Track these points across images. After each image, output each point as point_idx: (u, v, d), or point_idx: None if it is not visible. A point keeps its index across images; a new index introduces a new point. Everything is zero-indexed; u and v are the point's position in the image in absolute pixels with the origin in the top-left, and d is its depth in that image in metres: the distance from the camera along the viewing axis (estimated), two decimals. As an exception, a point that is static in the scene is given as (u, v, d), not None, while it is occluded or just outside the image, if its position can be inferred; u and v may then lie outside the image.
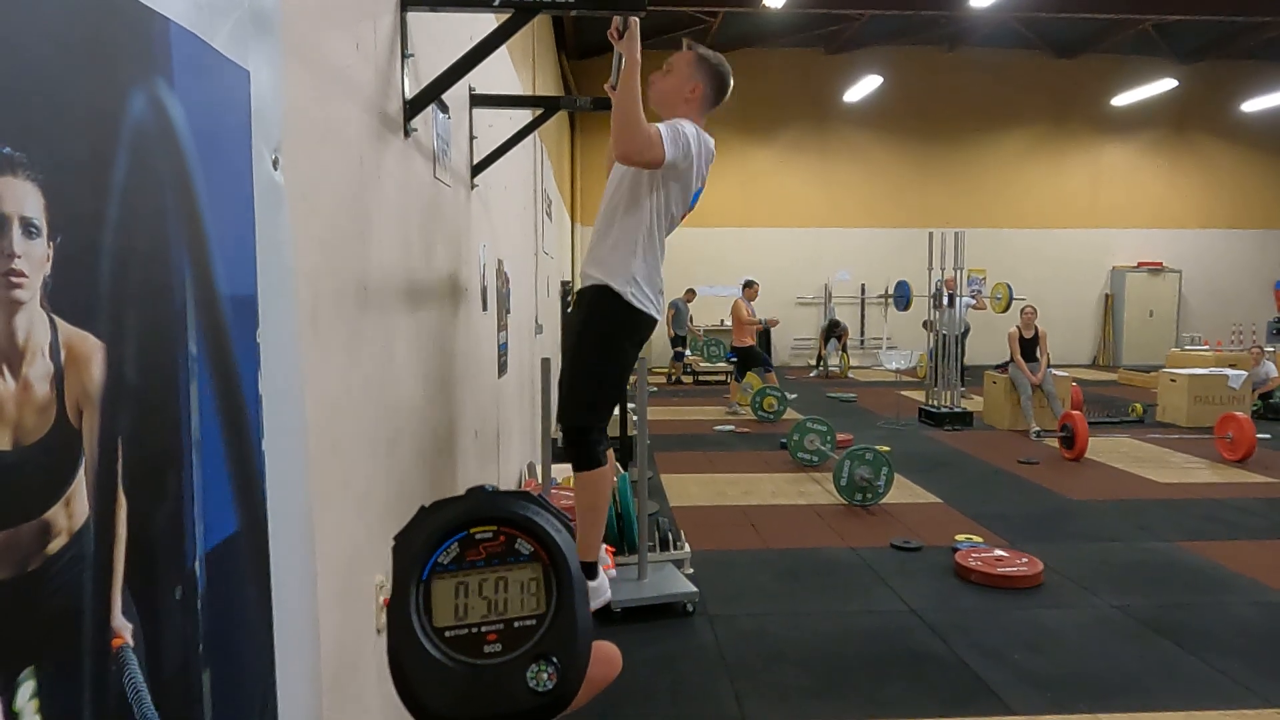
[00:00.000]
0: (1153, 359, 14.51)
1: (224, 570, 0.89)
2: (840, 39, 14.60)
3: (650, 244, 2.48)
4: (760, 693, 3.06)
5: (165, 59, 0.79)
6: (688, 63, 2.55)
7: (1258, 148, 16.12)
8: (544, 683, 0.84)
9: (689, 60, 2.55)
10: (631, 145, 2.28)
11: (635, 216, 2.46)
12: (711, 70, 2.57)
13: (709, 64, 2.57)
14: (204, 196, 0.86)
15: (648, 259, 2.48)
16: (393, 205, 1.91)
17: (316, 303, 1.36)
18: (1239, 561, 4.48)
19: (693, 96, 2.54)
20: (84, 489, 0.65)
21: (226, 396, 0.91)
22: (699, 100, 2.56)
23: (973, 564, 4.24)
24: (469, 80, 2.78)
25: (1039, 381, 8.49)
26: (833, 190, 15.71)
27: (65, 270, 0.63)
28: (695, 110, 2.56)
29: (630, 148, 2.29)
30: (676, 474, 6.63)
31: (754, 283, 10.67)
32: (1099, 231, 16.16)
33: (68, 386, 0.63)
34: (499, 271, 3.94)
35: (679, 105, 2.53)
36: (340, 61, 1.54)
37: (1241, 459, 7.02)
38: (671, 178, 2.47)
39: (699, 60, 2.56)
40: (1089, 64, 15.45)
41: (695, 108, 2.56)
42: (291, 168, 1.12)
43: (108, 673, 0.68)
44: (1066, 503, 5.80)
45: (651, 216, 2.48)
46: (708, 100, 2.59)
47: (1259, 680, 3.13)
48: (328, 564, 1.35)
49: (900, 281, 10.10)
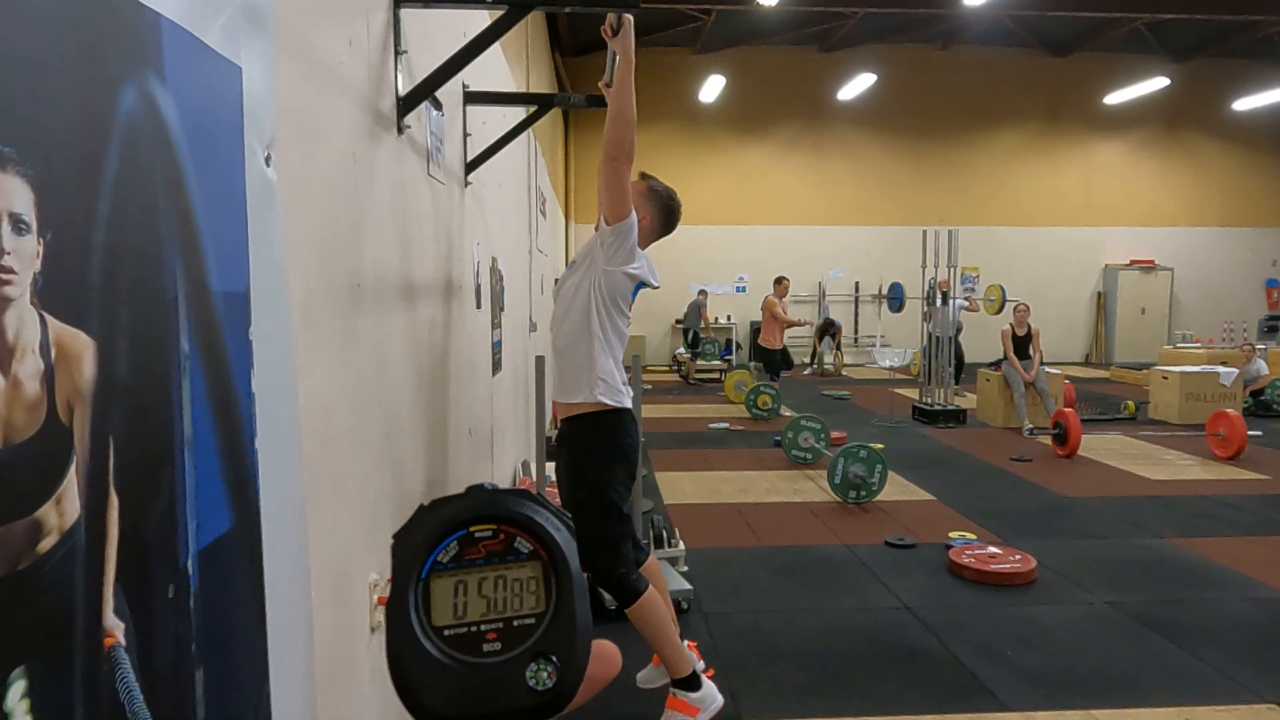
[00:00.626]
0: (1145, 356, 14.58)
1: (217, 569, 0.88)
2: (834, 37, 14.60)
3: (605, 345, 2.55)
4: (755, 689, 3.06)
5: (157, 54, 0.79)
6: (639, 193, 2.63)
7: (1249, 146, 16.19)
8: (543, 681, 0.84)
9: (640, 190, 2.64)
10: (622, 138, 2.32)
11: (584, 322, 2.54)
12: (662, 202, 2.67)
13: (661, 196, 2.68)
14: (196, 193, 0.86)
15: (607, 355, 2.55)
16: (386, 202, 1.91)
17: (309, 300, 1.36)
18: (1230, 557, 4.51)
19: (643, 226, 2.61)
20: (75, 487, 0.64)
21: (219, 394, 0.90)
22: (648, 228, 2.65)
23: (966, 561, 4.25)
24: (463, 77, 2.78)
25: (1032, 379, 8.52)
26: (826, 188, 15.73)
27: (55, 267, 0.62)
28: (644, 238, 2.63)
29: (619, 141, 2.32)
30: (671, 472, 6.63)
31: (784, 278, 10.27)
32: (1092, 229, 16.21)
33: (58, 384, 0.63)
34: (493, 269, 3.93)
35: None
36: (333, 58, 1.53)
37: (1233, 456, 7.06)
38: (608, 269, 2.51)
39: (650, 193, 2.66)
40: (1082, 62, 15.50)
41: (644, 235, 2.63)
42: (284, 164, 1.12)
43: (100, 672, 0.67)
44: (1060, 499, 5.82)
45: (603, 315, 2.54)
46: (655, 231, 2.70)
47: (1251, 675, 3.15)
48: (321, 562, 1.35)
49: (894, 284, 10.11)
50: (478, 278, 3.44)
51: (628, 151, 2.34)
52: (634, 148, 2.35)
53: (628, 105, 2.29)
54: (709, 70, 14.22)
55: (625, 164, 2.36)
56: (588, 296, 2.53)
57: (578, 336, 2.54)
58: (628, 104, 2.29)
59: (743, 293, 15.83)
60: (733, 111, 15.17)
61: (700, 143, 15.27)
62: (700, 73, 14.36)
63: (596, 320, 2.53)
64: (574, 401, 2.56)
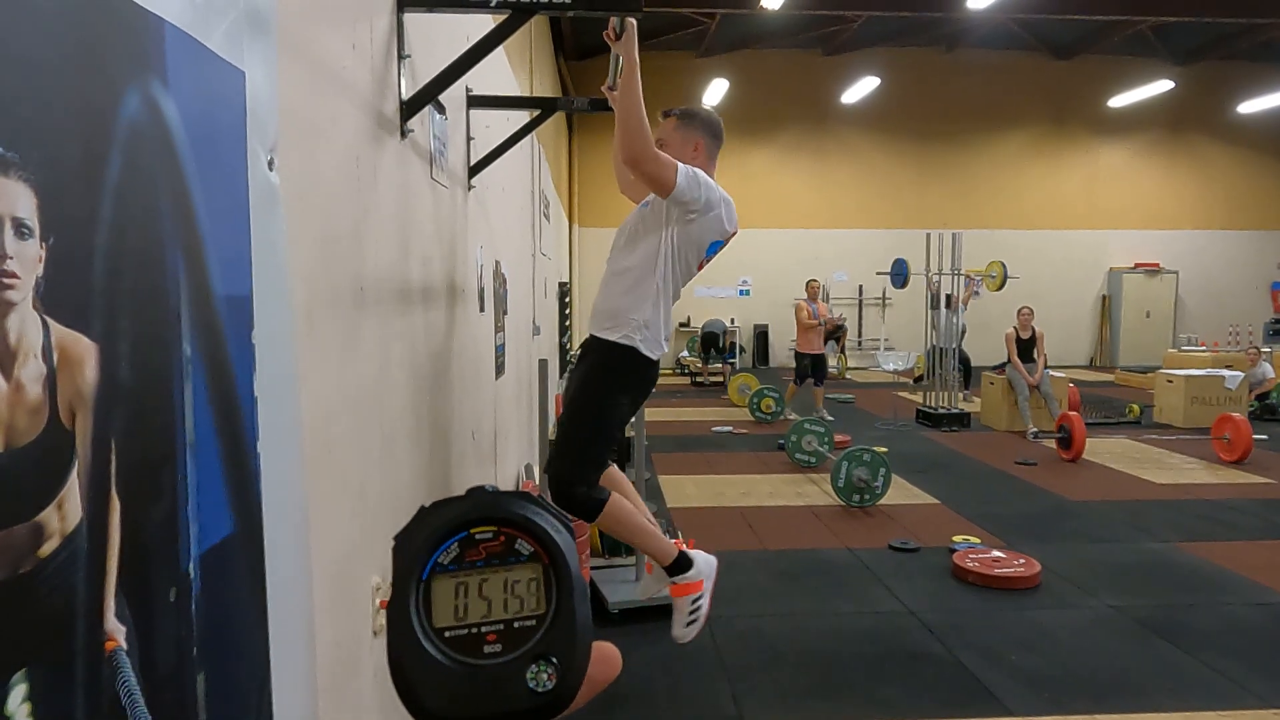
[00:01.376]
0: (1150, 360, 14.53)
1: (219, 572, 0.88)
2: (838, 40, 14.61)
3: (664, 292, 2.48)
4: (758, 693, 3.05)
5: (160, 59, 0.79)
6: (675, 128, 2.57)
7: (1254, 149, 16.16)
8: (544, 683, 0.84)
9: (675, 125, 2.58)
10: (635, 147, 2.26)
11: (650, 265, 2.46)
12: (700, 121, 2.60)
13: (695, 115, 2.61)
14: (199, 197, 0.86)
15: (659, 307, 2.48)
16: (389, 206, 1.91)
17: (312, 303, 1.36)
18: (1236, 562, 4.49)
19: (698, 153, 2.55)
20: (77, 491, 0.64)
21: (221, 397, 0.90)
22: (704, 153, 2.58)
23: (970, 565, 4.24)
24: (466, 81, 2.78)
25: (1036, 382, 8.50)
26: (830, 191, 15.73)
27: (58, 271, 0.62)
28: (705, 164, 2.56)
29: (634, 150, 2.26)
30: (674, 475, 6.62)
31: (812, 280, 9.94)
32: (1096, 233, 16.18)
33: (60, 388, 0.63)
34: (496, 273, 3.94)
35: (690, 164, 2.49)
36: (336, 62, 1.54)
37: (1238, 460, 7.03)
38: (682, 222, 2.44)
39: (682, 120, 2.59)
40: (1086, 65, 15.48)
41: (703, 162, 2.56)
42: (287, 168, 1.12)
43: (101, 675, 0.67)
44: (1064, 503, 5.80)
45: (665, 265, 2.47)
46: (712, 148, 2.61)
47: (1256, 680, 3.13)
48: (323, 565, 1.35)
49: (898, 259, 9.96)
50: (481, 281, 3.44)
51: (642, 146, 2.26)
52: (651, 146, 2.28)
53: (634, 113, 2.23)
54: (712, 74, 14.23)
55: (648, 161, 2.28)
56: (657, 244, 2.45)
57: (636, 280, 2.46)
58: (634, 111, 2.23)
59: (746, 296, 15.83)
60: (736, 115, 15.13)
61: (704, 146, 15.26)
62: (703, 76, 14.37)
63: (661, 270, 2.45)
64: (608, 336, 2.48)
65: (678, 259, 2.48)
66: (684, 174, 2.35)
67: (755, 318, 15.86)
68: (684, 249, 2.48)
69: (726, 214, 2.51)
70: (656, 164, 2.30)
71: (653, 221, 2.48)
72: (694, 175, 2.39)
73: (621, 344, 2.45)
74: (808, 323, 9.12)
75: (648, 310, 2.45)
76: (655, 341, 2.48)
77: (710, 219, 2.46)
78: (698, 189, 2.39)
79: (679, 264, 2.50)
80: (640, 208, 2.59)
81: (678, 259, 2.48)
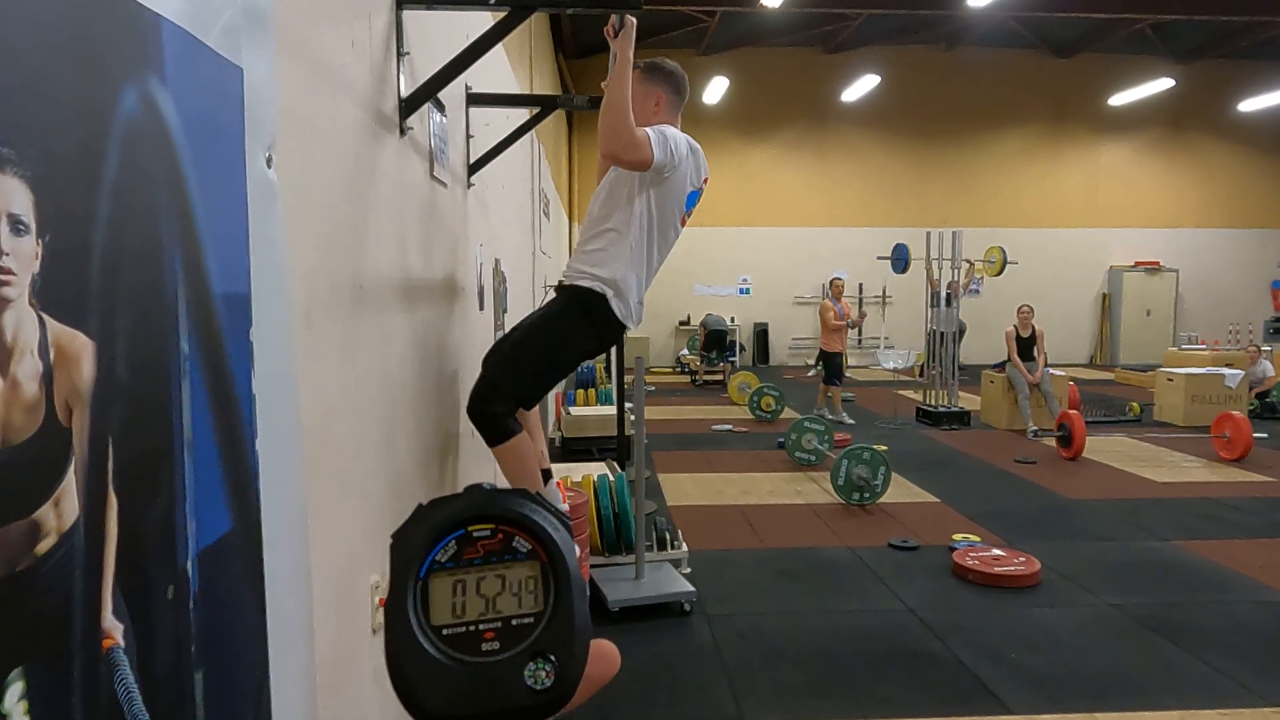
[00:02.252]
0: (1150, 358, 14.53)
1: (217, 570, 0.88)
2: (838, 38, 14.60)
3: (640, 255, 2.47)
4: (758, 692, 3.05)
5: (157, 55, 0.79)
6: (637, 80, 2.54)
7: (1255, 147, 16.15)
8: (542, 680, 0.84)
9: (637, 78, 2.55)
10: (617, 142, 2.28)
11: (625, 225, 2.45)
12: (662, 73, 2.60)
13: (656, 68, 2.60)
14: (196, 194, 0.86)
15: (634, 269, 2.46)
16: (388, 204, 1.91)
17: (311, 301, 1.36)
18: (1236, 560, 4.49)
19: (659, 107, 2.57)
20: (74, 488, 0.64)
21: (219, 395, 0.90)
22: (665, 105, 2.59)
23: (970, 563, 4.24)
24: (465, 79, 2.78)
25: (1036, 381, 8.50)
26: (830, 190, 15.72)
27: (55, 268, 0.62)
28: (667, 116, 2.58)
29: (616, 144, 2.29)
30: (674, 473, 6.62)
31: (839, 279, 9.85)
32: (1096, 231, 16.18)
33: (57, 385, 0.63)
34: (496, 271, 3.94)
35: (650, 120, 2.52)
36: (335, 59, 1.53)
37: (1238, 458, 7.03)
38: (657, 182, 2.45)
39: (644, 74, 2.58)
40: (1086, 64, 15.47)
41: (665, 113, 2.58)
42: (285, 165, 1.12)
43: (98, 673, 0.67)
44: (1064, 502, 5.80)
45: (641, 226, 2.46)
46: (674, 102, 2.62)
47: (1256, 679, 3.13)
48: (322, 563, 1.35)
49: (898, 244, 9.94)
50: (481, 279, 3.44)
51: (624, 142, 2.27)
52: (635, 144, 2.29)
53: (618, 108, 2.24)
54: (712, 72, 14.23)
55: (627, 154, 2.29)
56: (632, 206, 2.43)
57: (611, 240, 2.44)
58: (618, 106, 2.24)
59: (746, 294, 15.83)
60: (736, 113, 15.16)
61: (703, 144, 14.94)
62: (704, 74, 14.36)
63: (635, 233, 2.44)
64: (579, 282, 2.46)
65: (657, 219, 2.48)
66: (656, 145, 2.36)
67: (755, 316, 15.85)
68: (663, 207, 2.48)
69: (695, 162, 2.54)
70: (635, 152, 2.32)
71: (626, 180, 2.47)
72: (661, 139, 2.38)
73: (591, 289, 2.43)
74: (835, 324, 9.03)
75: (620, 269, 2.43)
76: (625, 304, 2.46)
77: (681, 172, 2.48)
78: (667, 150, 2.40)
79: (659, 224, 2.49)
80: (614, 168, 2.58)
81: (657, 219, 2.48)
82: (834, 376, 9.06)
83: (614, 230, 2.46)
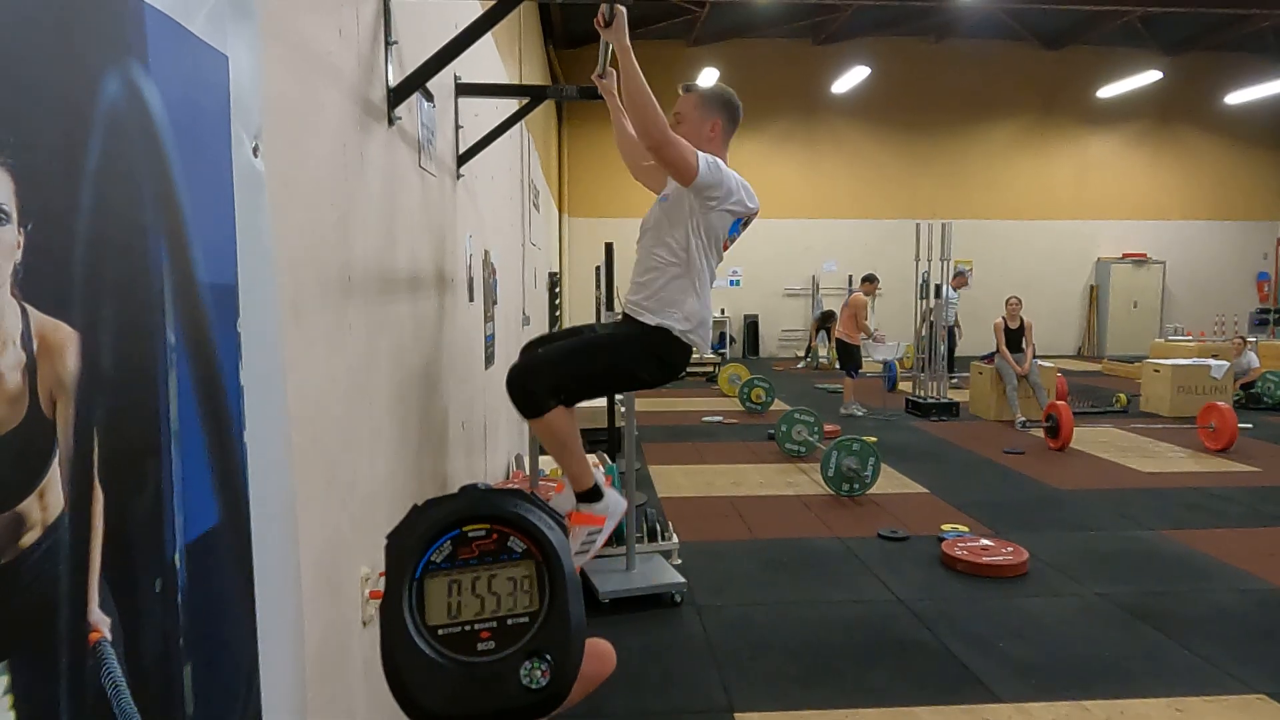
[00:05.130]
0: (1137, 349, 14.64)
1: (205, 563, 0.88)
2: (828, 30, 14.58)
3: (702, 284, 2.50)
4: (748, 681, 3.07)
5: (140, 42, 0.78)
6: (695, 105, 2.54)
7: (1241, 139, 16.25)
8: (538, 680, 0.84)
9: (695, 102, 2.55)
10: (656, 132, 2.24)
11: (685, 261, 2.47)
12: (721, 101, 2.58)
13: (717, 96, 2.59)
14: (182, 183, 0.85)
15: (702, 297, 2.51)
16: (377, 194, 1.89)
17: (299, 292, 1.35)
18: (1221, 549, 4.53)
19: (714, 134, 2.55)
20: (58, 481, 0.63)
21: (206, 386, 0.89)
22: (720, 134, 2.57)
23: (959, 553, 4.26)
24: (454, 69, 2.76)
25: (1024, 372, 8.54)
26: (820, 181, 15.73)
27: (37, 258, 0.61)
28: (720, 146, 2.56)
29: (656, 135, 2.25)
30: (664, 465, 6.63)
31: (874, 278, 9.47)
32: (1084, 223, 16.26)
33: (40, 376, 0.62)
34: (485, 262, 3.92)
35: (704, 147, 2.50)
36: (322, 47, 1.52)
37: (1223, 448, 7.10)
38: (704, 209, 2.45)
39: (705, 98, 2.56)
40: (1075, 56, 15.51)
41: (719, 144, 2.56)
42: (272, 155, 1.11)
43: (85, 668, 0.67)
44: (1052, 492, 5.84)
45: (700, 258, 2.49)
46: (728, 131, 2.61)
47: (1240, 666, 3.17)
48: (312, 556, 1.34)
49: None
50: (470, 270, 3.42)
51: (662, 129, 2.25)
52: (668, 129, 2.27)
53: (643, 97, 2.22)
54: (702, 63, 14.20)
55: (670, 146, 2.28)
56: (687, 237, 2.46)
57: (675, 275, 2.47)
58: (642, 95, 2.22)
59: (736, 286, 15.84)
60: (726, 104, 15.13)
61: (694, 135, 15.21)
62: (694, 65, 14.33)
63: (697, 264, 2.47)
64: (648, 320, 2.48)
65: (709, 247, 2.51)
66: (704, 160, 2.36)
67: (745, 308, 15.87)
68: (710, 235, 2.51)
69: (746, 195, 2.55)
70: (678, 149, 2.30)
71: (676, 214, 2.49)
72: (714, 163, 2.41)
73: (671, 330, 2.47)
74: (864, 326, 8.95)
75: (692, 302, 2.48)
76: (700, 331, 2.51)
77: (731, 204, 2.49)
78: (719, 175, 2.42)
79: (711, 251, 2.53)
80: (660, 201, 2.60)
81: (709, 247, 2.51)
82: (855, 367, 9.03)
83: (677, 265, 2.48)
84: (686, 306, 2.47)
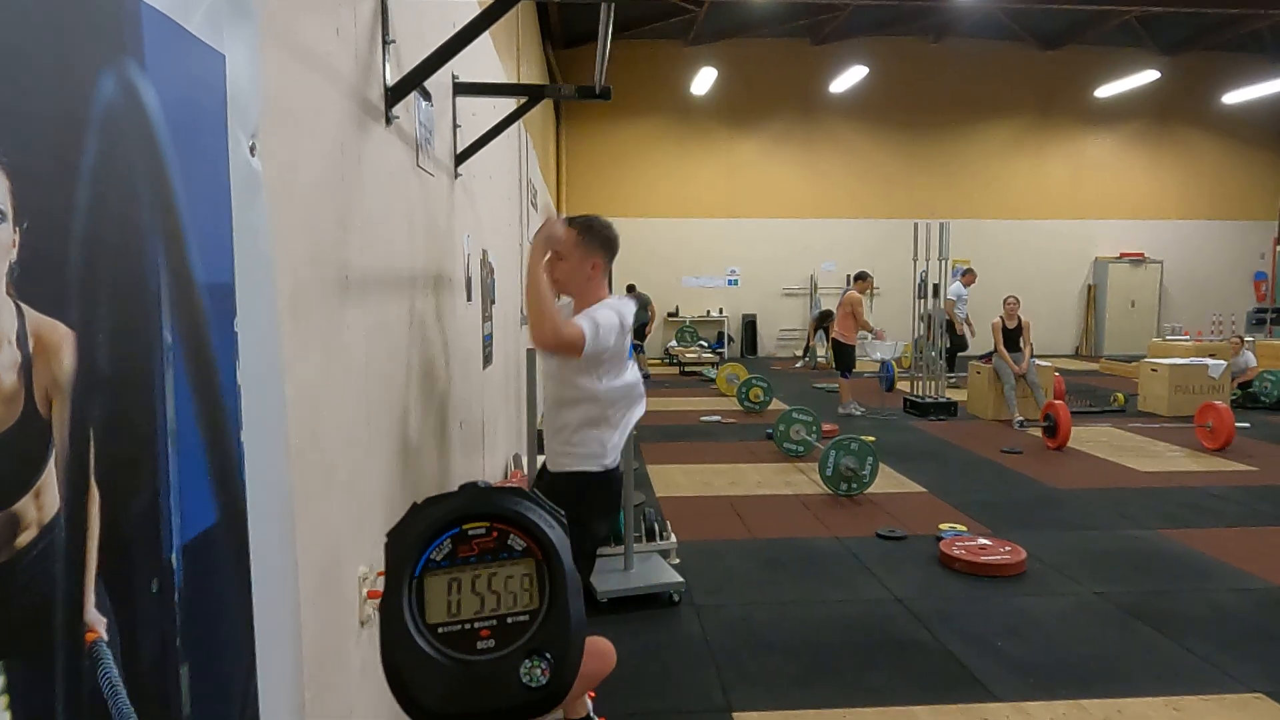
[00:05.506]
0: (1134, 349, 14.65)
1: (202, 562, 0.87)
2: (826, 30, 14.58)
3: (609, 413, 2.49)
4: (746, 681, 3.07)
5: (137, 41, 0.77)
6: (574, 243, 2.53)
7: (1239, 139, 16.26)
8: (537, 678, 0.83)
9: (574, 240, 2.54)
10: (543, 339, 2.33)
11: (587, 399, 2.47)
12: (601, 239, 2.58)
13: (597, 234, 2.58)
14: (178, 182, 0.85)
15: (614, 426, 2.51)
16: (374, 193, 1.89)
17: (296, 291, 1.34)
18: (1218, 548, 4.54)
19: (595, 272, 2.56)
20: (54, 480, 0.63)
21: (203, 386, 0.89)
22: (600, 272, 2.59)
23: (957, 552, 4.27)
24: (452, 68, 2.75)
25: (1022, 371, 8.55)
26: (818, 181, 15.73)
27: (33, 257, 0.61)
28: (599, 283, 2.58)
29: (543, 341, 2.34)
30: (663, 464, 6.63)
31: (867, 275, 9.45)
32: (1082, 223, 16.27)
33: (36, 376, 0.62)
34: (483, 261, 3.92)
35: (584, 284, 2.53)
36: (320, 47, 1.52)
37: (1221, 447, 7.10)
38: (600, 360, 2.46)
39: (583, 234, 2.55)
40: (1073, 56, 15.52)
41: (598, 280, 2.58)
42: (269, 154, 1.10)
43: (82, 667, 0.66)
44: (1049, 491, 5.85)
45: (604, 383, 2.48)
46: (607, 263, 2.63)
47: (1238, 665, 3.17)
48: (309, 555, 1.34)
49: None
50: (468, 270, 3.42)
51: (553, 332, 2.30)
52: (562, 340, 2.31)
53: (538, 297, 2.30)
54: (700, 63, 14.18)
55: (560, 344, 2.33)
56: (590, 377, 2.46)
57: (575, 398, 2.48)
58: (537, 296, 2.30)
59: (734, 285, 15.83)
60: (724, 104, 15.14)
61: (691, 135, 15.24)
62: (691, 65, 14.32)
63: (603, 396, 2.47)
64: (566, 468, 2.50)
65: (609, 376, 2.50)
66: (589, 335, 2.36)
67: (744, 307, 15.87)
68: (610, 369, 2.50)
69: (624, 323, 2.52)
70: (565, 341, 2.35)
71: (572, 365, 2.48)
72: (595, 330, 2.39)
73: (579, 473, 2.47)
74: (863, 324, 8.92)
75: (605, 434, 2.48)
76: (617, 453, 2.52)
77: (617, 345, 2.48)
78: (602, 340, 2.41)
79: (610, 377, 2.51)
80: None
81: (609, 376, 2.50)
82: (848, 368, 9.02)
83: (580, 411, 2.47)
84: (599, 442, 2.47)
